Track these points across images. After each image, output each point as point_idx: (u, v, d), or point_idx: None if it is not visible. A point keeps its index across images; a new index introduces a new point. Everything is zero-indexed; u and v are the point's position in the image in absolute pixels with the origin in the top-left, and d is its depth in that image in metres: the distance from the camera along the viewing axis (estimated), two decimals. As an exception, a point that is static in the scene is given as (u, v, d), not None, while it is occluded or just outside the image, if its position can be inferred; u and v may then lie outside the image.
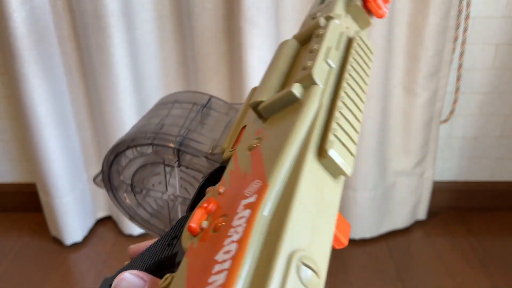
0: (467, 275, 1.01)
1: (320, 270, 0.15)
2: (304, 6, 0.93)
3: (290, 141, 0.18)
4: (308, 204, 0.16)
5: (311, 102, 0.20)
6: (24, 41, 0.89)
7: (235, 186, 0.19)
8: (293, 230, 0.15)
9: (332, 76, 0.22)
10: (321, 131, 0.19)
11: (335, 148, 0.18)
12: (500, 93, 1.08)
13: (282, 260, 0.14)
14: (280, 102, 0.21)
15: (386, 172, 1.07)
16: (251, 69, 0.91)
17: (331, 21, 0.27)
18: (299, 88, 0.21)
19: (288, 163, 0.17)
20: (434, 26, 0.89)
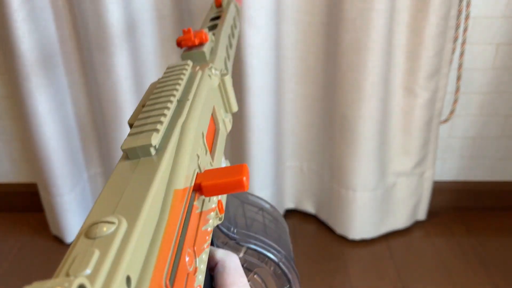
0: (467, 275, 1.01)
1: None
2: (304, 6, 0.93)
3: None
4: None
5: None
6: (25, 40, 0.89)
7: None
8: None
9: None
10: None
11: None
12: (500, 93, 1.08)
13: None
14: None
15: (386, 173, 1.07)
16: (251, 69, 0.91)
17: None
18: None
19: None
20: (434, 26, 0.89)
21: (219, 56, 0.40)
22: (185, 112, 0.27)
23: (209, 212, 0.26)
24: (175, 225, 0.20)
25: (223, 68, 0.39)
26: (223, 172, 0.24)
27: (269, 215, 0.41)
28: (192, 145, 0.25)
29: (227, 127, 0.36)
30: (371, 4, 0.84)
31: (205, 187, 0.24)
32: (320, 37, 0.96)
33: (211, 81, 0.34)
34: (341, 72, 0.93)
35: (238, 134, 1.03)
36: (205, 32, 0.39)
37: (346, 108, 0.96)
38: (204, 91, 0.31)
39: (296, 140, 1.10)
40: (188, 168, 0.23)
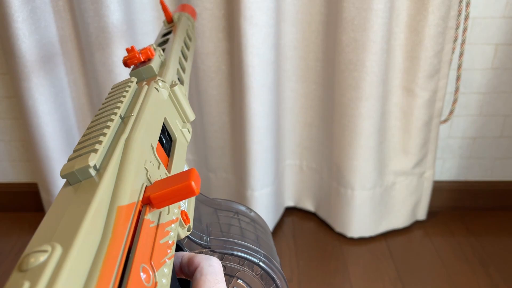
0: (467, 275, 1.01)
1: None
2: (304, 6, 0.93)
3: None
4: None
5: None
6: (26, 40, 0.90)
7: None
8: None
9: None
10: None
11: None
12: (499, 93, 1.08)
13: None
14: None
15: (385, 172, 1.07)
16: (251, 69, 0.92)
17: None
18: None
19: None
20: (433, 26, 0.90)
21: (170, 69, 0.40)
22: (129, 127, 0.26)
23: (168, 224, 0.25)
24: (120, 242, 0.19)
25: (174, 80, 0.39)
26: (170, 180, 0.23)
27: (245, 217, 0.41)
28: (138, 159, 0.25)
29: (186, 137, 0.35)
30: (370, 4, 0.84)
31: (154, 199, 0.23)
32: (319, 36, 0.96)
33: (159, 93, 0.33)
34: (340, 71, 0.93)
35: (238, 132, 1.03)
36: (150, 48, 0.39)
37: (345, 107, 0.96)
38: (151, 105, 0.30)
39: (295, 139, 1.10)
40: (134, 183, 0.23)
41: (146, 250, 0.21)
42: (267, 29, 0.90)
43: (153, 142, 0.28)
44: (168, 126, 0.33)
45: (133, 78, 0.33)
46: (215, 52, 0.97)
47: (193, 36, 0.57)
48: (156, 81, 0.34)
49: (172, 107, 0.35)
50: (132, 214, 0.21)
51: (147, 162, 0.26)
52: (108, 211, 0.20)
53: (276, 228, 1.16)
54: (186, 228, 0.29)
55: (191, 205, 0.32)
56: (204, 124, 1.06)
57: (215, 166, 1.12)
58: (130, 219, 0.21)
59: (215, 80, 1.00)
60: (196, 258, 0.29)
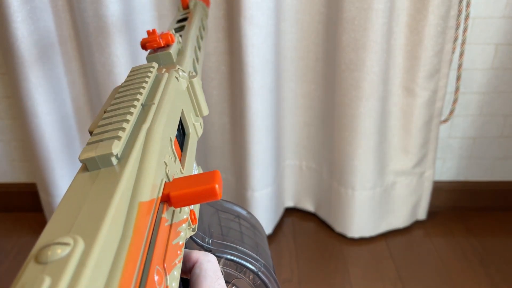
0: (467, 275, 1.01)
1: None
2: (304, 5, 0.93)
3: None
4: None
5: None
6: (25, 41, 0.89)
7: None
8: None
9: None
10: None
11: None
12: (499, 93, 1.08)
13: None
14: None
15: (385, 172, 1.07)
16: (251, 69, 0.91)
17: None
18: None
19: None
20: (433, 26, 0.90)
21: (187, 58, 0.38)
22: (150, 116, 0.25)
23: (180, 224, 0.24)
24: (141, 241, 0.18)
25: (191, 70, 0.37)
26: (193, 180, 0.22)
27: (246, 222, 0.40)
28: (159, 152, 0.23)
29: (198, 131, 0.34)
30: (370, 3, 0.84)
31: (174, 198, 0.22)
32: (319, 36, 0.96)
33: (178, 83, 0.32)
34: (340, 71, 0.93)
35: (238, 133, 1.03)
36: (171, 34, 0.37)
37: (346, 107, 0.96)
38: (171, 94, 0.29)
39: (295, 139, 1.10)
40: (155, 177, 0.22)
41: (161, 251, 0.20)
42: (267, 29, 0.89)
43: (172, 134, 0.27)
44: (184, 118, 0.31)
45: (154, 64, 0.31)
46: (215, 52, 0.97)
47: (206, 27, 0.55)
48: (176, 70, 0.33)
49: (188, 99, 0.34)
50: (152, 211, 0.20)
51: (166, 155, 0.25)
52: (129, 206, 0.19)
53: (276, 229, 1.16)
54: (192, 228, 0.28)
55: (197, 205, 0.31)
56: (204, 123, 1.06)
57: (214, 166, 1.12)
58: (150, 216, 0.20)
59: (215, 80, 1.00)
60: (193, 254, 0.28)
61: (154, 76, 0.30)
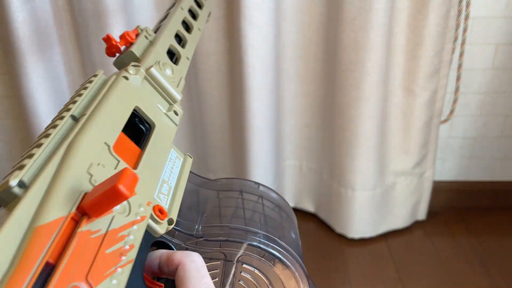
0: (467, 275, 1.01)
1: None
2: (304, 6, 0.93)
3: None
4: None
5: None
6: (25, 40, 0.89)
7: None
8: None
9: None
10: None
11: None
12: (500, 93, 1.08)
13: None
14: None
15: (385, 172, 1.07)
16: (251, 69, 0.92)
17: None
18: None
19: None
20: (434, 26, 0.90)
21: (157, 47, 0.37)
22: (76, 130, 0.25)
23: (124, 228, 0.23)
24: (31, 266, 0.17)
25: (162, 59, 0.36)
26: (102, 185, 0.21)
27: (270, 203, 0.38)
28: (79, 165, 0.23)
29: (174, 119, 0.33)
30: (370, 4, 0.84)
31: (87, 208, 0.21)
32: (319, 37, 0.96)
33: (128, 82, 0.31)
34: (340, 71, 0.93)
35: (238, 133, 1.03)
36: (129, 31, 0.37)
37: (345, 107, 0.96)
38: (114, 98, 0.29)
39: (295, 139, 1.10)
40: (66, 194, 0.21)
41: (79, 266, 0.19)
42: (267, 29, 0.89)
43: (110, 139, 0.26)
44: (143, 114, 0.31)
45: (99, 71, 0.32)
46: (215, 53, 0.97)
47: (205, 3, 0.53)
48: (126, 69, 0.32)
49: (150, 91, 0.33)
50: (57, 231, 0.19)
51: (94, 165, 0.24)
52: (25, 234, 0.18)
53: (276, 228, 1.16)
54: (164, 223, 0.27)
55: (177, 195, 0.30)
56: (204, 124, 1.06)
57: (214, 167, 1.12)
58: (53, 237, 0.19)
59: (215, 81, 1.00)
60: (176, 255, 0.28)
61: (98, 83, 0.30)
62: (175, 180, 0.31)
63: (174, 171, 0.32)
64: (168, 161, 0.31)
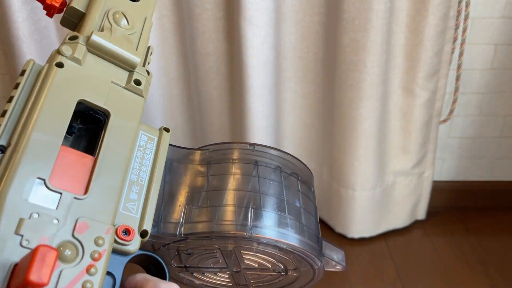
0: (467, 275, 1.01)
1: None
2: (304, 6, 0.93)
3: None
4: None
5: None
6: (26, 41, 0.89)
7: None
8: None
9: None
10: None
11: None
12: (499, 93, 1.08)
13: None
14: None
15: (385, 172, 1.07)
16: (251, 70, 0.92)
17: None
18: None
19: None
20: (433, 26, 0.90)
21: (96, 3, 0.29)
22: (0, 171, 0.21)
23: (75, 283, 0.20)
24: None
25: (112, 7, 0.29)
26: (25, 259, 0.18)
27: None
28: (5, 228, 0.19)
29: (137, 91, 0.28)
30: (370, 4, 0.84)
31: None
32: (319, 37, 0.96)
33: (64, 69, 0.26)
34: (340, 71, 0.93)
35: (238, 133, 1.03)
36: None
37: (345, 107, 0.96)
38: (45, 104, 0.24)
39: (295, 139, 1.10)
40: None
41: None
42: (266, 30, 0.90)
43: (45, 169, 0.22)
44: (92, 104, 0.26)
45: (29, 61, 0.27)
46: (215, 53, 0.97)
47: None
48: (59, 49, 0.27)
49: (97, 66, 0.27)
50: None
51: (25, 220, 0.20)
52: None
53: (276, 228, 1.16)
54: (134, 241, 0.24)
55: (152, 191, 0.26)
56: (204, 124, 1.06)
57: (215, 166, 1.12)
58: None
59: (215, 81, 1.00)
60: (150, 285, 0.25)
61: (30, 78, 0.26)
62: (148, 173, 0.27)
63: (146, 160, 0.27)
64: (137, 150, 0.27)
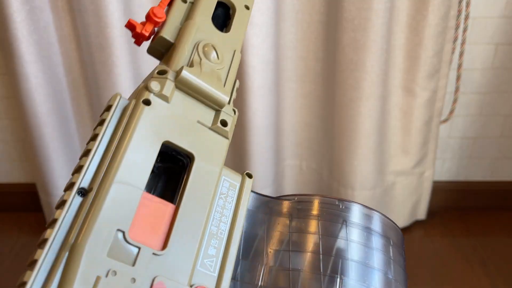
0: (467, 275, 1.01)
1: None
2: (304, 5, 0.93)
3: None
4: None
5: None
6: (25, 41, 0.89)
7: None
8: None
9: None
10: None
11: None
12: (500, 93, 1.08)
13: None
14: None
15: (385, 172, 1.07)
16: (251, 69, 0.91)
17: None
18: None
19: None
20: (433, 26, 0.90)
21: (196, 19, 0.27)
22: (80, 221, 0.19)
23: None
24: None
25: (202, 40, 0.26)
26: None
27: (375, 236, 0.27)
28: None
29: (222, 132, 0.27)
30: (370, 3, 0.84)
31: None
32: (319, 36, 0.96)
33: (152, 108, 0.23)
34: (340, 71, 0.93)
35: (238, 133, 1.03)
36: (154, 7, 0.26)
37: (346, 107, 0.96)
38: (130, 147, 0.22)
39: (295, 139, 1.10)
40: None
41: None
42: (266, 29, 0.89)
43: (125, 221, 0.20)
44: (177, 147, 0.24)
45: (115, 95, 0.23)
46: (215, 52, 0.97)
47: None
48: (146, 84, 0.24)
49: (185, 105, 0.25)
50: None
51: (101, 278, 0.18)
52: None
53: (276, 228, 1.16)
54: None
55: (232, 247, 0.23)
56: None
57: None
58: None
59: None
60: None
61: (116, 116, 0.23)
62: (228, 224, 0.24)
63: (226, 210, 0.24)
64: (218, 199, 0.24)
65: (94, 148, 0.22)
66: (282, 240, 0.26)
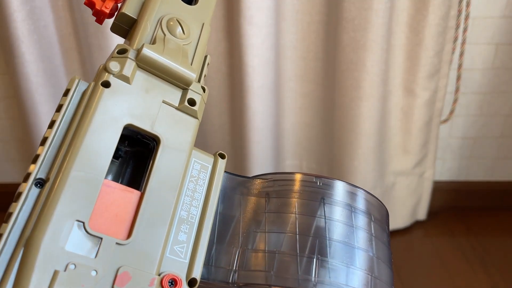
0: (467, 275, 1.01)
1: None
2: (304, 5, 0.93)
3: None
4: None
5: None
6: (25, 40, 0.89)
7: None
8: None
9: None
10: None
11: None
12: (500, 93, 1.08)
13: None
14: None
15: (385, 172, 1.07)
16: (251, 69, 0.91)
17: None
18: None
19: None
20: (434, 26, 0.90)
21: (149, 9, 0.25)
22: (36, 216, 0.19)
23: None
24: None
25: (166, 14, 0.25)
26: None
27: (356, 212, 0.26)
28: (35, 284, 0.17)
29: (191, 112, 0.25)
30: (370, 3, 0.84)
31: None
32: (319, 36, 0.96)
33: (111, 90, 0.22)
34: (340, 71, 0.93)
35: (238, 133, 1.03)
36: None
37: (346, 107, 0.96)
38: (88, 133, 0.21)
39: (295, 139, 1.10)
40: None
41: None
42: (266, 29, 0.89)
43: (85, 211, 0.19)
44: (139, 129, 0.23)
45: (74, 79, 0.23)
46: (215, 52, 0.97)
47: None
48: (106, 65, 0.23)
49: (148, 84, 0.24)
50: None
51: (60, 272, 0.18)
52: None
53: (276, 228, 1.16)
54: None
55: (204, 231, 0.22)
56: (204, 123, 1.06)
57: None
58: None
59: (214, 81, 1.00)
60: None
61: (75, 100, 0.23)
62: (199, 208, 0.23)
63: (197, 193, 0.24)
64: (188, 182, 0.23)
65: (51, 136, 0.21)
66: (259, 221, 0.25)
